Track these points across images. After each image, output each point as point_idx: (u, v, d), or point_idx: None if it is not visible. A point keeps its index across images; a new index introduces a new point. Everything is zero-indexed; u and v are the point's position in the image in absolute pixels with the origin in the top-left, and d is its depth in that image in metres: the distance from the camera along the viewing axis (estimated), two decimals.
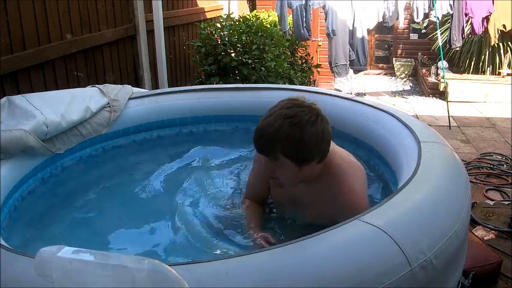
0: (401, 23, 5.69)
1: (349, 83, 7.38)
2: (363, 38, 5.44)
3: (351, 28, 5.33)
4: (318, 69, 6.06)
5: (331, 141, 1.58)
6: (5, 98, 2.06)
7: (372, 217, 1.27)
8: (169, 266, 0.92)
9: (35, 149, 1.98)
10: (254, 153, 2.59)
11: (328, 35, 5.31)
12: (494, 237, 2.54)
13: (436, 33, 5.80)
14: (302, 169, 1.51)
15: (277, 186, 1.67)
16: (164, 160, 2.52)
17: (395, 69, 8.22)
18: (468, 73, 6.63)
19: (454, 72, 6.72)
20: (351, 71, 5.80)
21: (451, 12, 5.30)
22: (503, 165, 3.73)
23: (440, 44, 5.47)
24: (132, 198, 2.13)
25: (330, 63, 5.47)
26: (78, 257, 0.94)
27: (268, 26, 5.29)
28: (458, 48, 5.88)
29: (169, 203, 2.02)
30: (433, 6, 5.16)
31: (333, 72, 5.56)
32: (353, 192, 1.55)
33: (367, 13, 5.29)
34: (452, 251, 1.30)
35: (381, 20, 5.37)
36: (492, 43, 5.75)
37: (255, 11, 6.88)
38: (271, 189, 1.80)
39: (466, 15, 5.33)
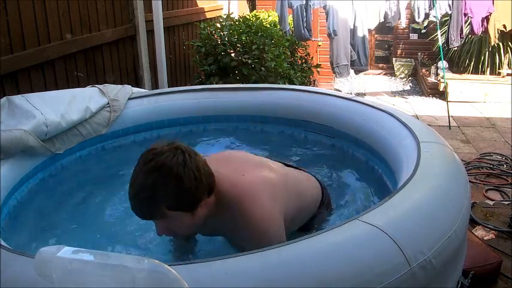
0: (403, 23, 5.69)
1: (349, 83, 7.38)
2: (363, 38, 5.43)
3: (352, 28, 5.32)
4: (318, 69, 6.06)
5: (216, 162, 1.46)
6: (4, 98, 2.06)
7: (371, 217, 1.27)
8: (169, 266, 0.92)
9: (34, 149, 1.98)
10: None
11: (329, 35, 5.30)
12: (494, 237, 2.55)
13: (436, 33, 5.80)
14: (196, 212, 1.34)
15: (185, 239, 1.55)
16: None
17: (395, 69, 8.22)
18: (468, 73, 6.63)
19: (454, 72, 6.73)
20: (351, 71, 5.79)
21: (449, 12, 5.30)
22: (503, 165, 3.73)
23: (441, 44, 5.47)
24: None
25: (331, 64, 5.46)
26: (78, 257, 0.94)
27: (268, 26, 5.28)
28: (456, 48, 5.88)
29: None
30: (434, 6, 5.16)
31: (334, 72, 5.55)
32: (252, 221, 1.38)
33: (369, 13, 5.29)
34: (451, 251, 1.30)
35: (382, 20, 5.36)
36: (492, 43, 5.75)
37: (254, 11, 6.87)
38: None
39: (465, 15, 5.33)
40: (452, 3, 5.23)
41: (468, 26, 5.68)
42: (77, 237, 1.81)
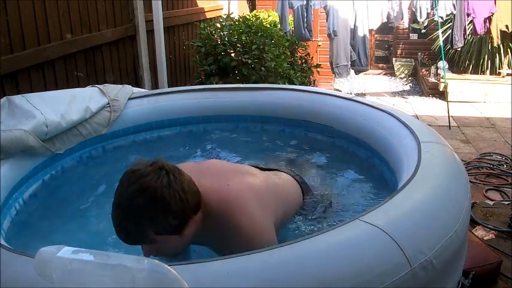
0: (406, 23, 5.69)
1: (349, 83, 7.38)
2: (364, 39, 5.43)
3: (352, 28, 5.32)
4: (318, 69, 6.06)
5: (198, 173, 1.42)
6: (4, 98, 2.06)
7: (372, 217, 1.27)
8: (169, 266, 0.92)
9: (34, 149, 1.98)
10: (253, 153, 2.61)
11: (329, 35, 5.29)
12: (494, 237, 2.55)
13: (436, 33, 5.80)
14: (184, 232, 1.30)
15: (174, 257, 1.51)
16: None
17: (395, 69, 8.23)
18: (468, 73, 6.63)
19: (453, 72, 6.73)
20: (352, 71, 5.78)
21: (454, 12, 5.29)
22: (503, 165, 3.73)
23: (442, 44, 5.46)
24: None
25: (331, 64, 5.46)
26: (78, 257, 0.94)
27: (268, 26, 5.28)
28: (459, 49, 5.88)
29: None
30: (436, 5, 5.16)
31: (334, 73, 5.55)
32: (243, 231, 1.36)
33: (371, 13, 5.28)
34: (452, 251, 1.30)
35: (385, 20, 5.36)
36: (495, 44, 5.74)
37: (254, 11, 6.87)
38: None
39: (468, 15, 5.32)
40: (456, 3, 5.23)
41: (470, 26, 5.67)
42: (76, 237, 1.81)
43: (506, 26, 5.46)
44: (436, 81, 6.68)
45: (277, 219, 1.53)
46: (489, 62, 6.53)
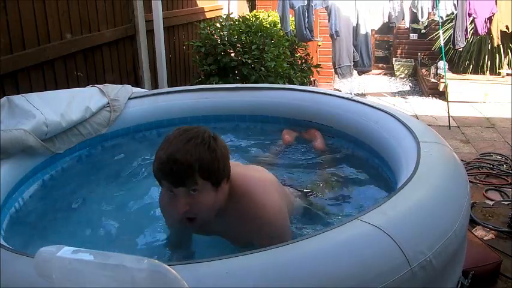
0: (407, 23, 5.68)
1: (349, 83, 7.38)
2: (366, 39, 5.41)
3: (354, 27, 5.30)
4: (318, 69, 6.05)
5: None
6: (4, 97, 2.06)
7: (371, 217, 1.27)
8: (169, 266, 0.92)
9: (34, 148, 1.98)
10: (253, 152, 2.62)
11: (331, 36, 5.27)
12: (493, 237, 2.55)
13: (436, 33, 5.80)
14: (218, 193, 1.40)
15: (194, 230, 1.57)
16: None
17: (395, 69, 8.23)
18: (468, 73, 6.63)
19: (453, 72, 6.72)
20: (355, 72, 5.77)
21: (455, 12, 5.29)
22: (502, 165, 3.73)
23: (442, 44, 5.46)
24: (132, 197, 2.13)
25: (334, 65, 5.43)
26: (78, 256, 0.94)
27: (268, 26, 5.28)
28: (461, 49, 5.87)
29: None
30: (437, 5, 5.16)
31: (336, 73, 5.53)
32: (265, 210, 1.46)
33: (372, 13, 5.27)
34: (451, 251, 1.30)
35: (386, 20, 5.35)
36: (495, 44, 5.74)
37: (254, 11, 6.87)
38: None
39: (469, 15, 5.32)
40: (457, 3, 5.22)
41: (471, 27, 5.66)
42: (76, 237, 1.81)
43: (507, 27, 5.46)
44: (436, 81, 6.68)
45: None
46: (489, 62, 6.52)
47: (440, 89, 6.37)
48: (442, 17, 5.36)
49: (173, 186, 1.35)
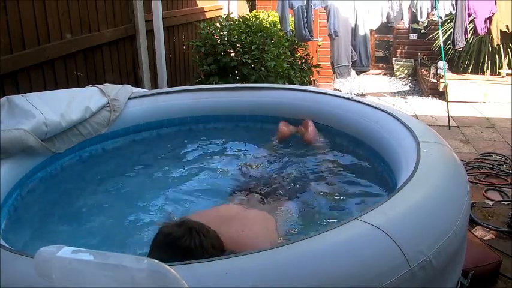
0: (406, 23, 5.68)
1: (349, 83, 7.37)
2: (365, 39, 5.41)
3: (353, 27, 5.30)
4: (318, 69, 6.05)
5: (220, 219, 1.57)
6: (4, 97, 2.06)
7: (371, 217, 1.27)
8: (169, 266, 0.92)
9: (34, 148, 1.98)
10: (253, 152, 2.62)
11: (330, 35, 5.27)
12: (493, 237, 2.55)
13: (436, 34, 5.79)
14: None
15: None
16: (164, 159, 2.53)
17: (395, 69, 8.22)
18: (468, 73, 6.63)
19: (453, 72, 6.72)
20: (353, 72, 5.77)
21: (453, 12, 5.29)
22: (502, 165, 3.73)
23: (442, 44, 5.46)
24: (132, 197, 2.13)
25: (332, 64, 5.44)
26: (78, 256, 0.94)
27: (268, 26, 5.28)
28: (461, 49, 5.87)
29: (169, 202, 2.02)
30: (436, 5, 5.16)
31: (334, 73, 5.53)
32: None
33: (371, 13, 5.27)
34: (451, 251, 1.30)
35: (385, 20, 5.34)
36: (495, 44, 5.74)
37: (254, 11, 6.87)
38: None
39: (469, 15, 5.31)
40: (456, 4, 5.22)
41: (471, 27, 5.66)
42: (76, 237, 1.81)
43: (507, 27, 5.45)
44: (436, 81, 6.67)
45: None
46: (489, 62, 6.52)
47: (440, 89, 6.37)
48: (441, 17, 5.35)
49: None
